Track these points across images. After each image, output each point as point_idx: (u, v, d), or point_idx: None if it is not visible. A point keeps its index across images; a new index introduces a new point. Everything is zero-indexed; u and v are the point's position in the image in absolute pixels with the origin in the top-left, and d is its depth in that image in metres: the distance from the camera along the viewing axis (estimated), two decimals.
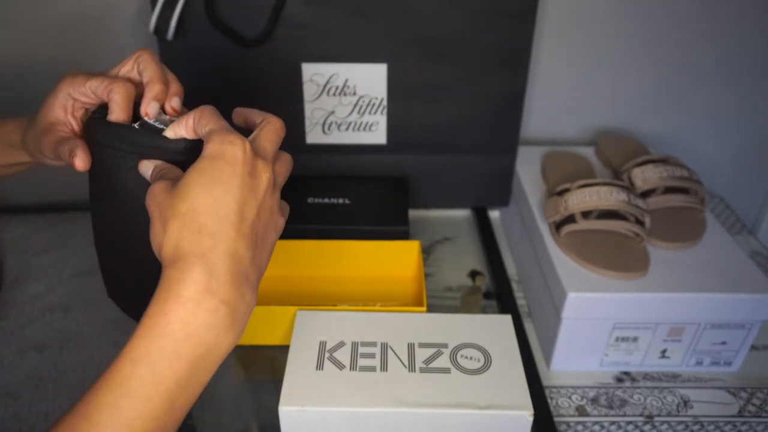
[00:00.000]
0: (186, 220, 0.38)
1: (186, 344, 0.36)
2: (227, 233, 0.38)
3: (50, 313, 0.72)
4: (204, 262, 0.37)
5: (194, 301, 0.36)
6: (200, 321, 0.36)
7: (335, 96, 0.82)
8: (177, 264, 0.37)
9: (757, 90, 0.96)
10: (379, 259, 0.76)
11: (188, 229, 0.37)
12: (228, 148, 0.39)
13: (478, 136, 0.86)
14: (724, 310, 0.66)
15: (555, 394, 0.68)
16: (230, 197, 0.38)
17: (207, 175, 0.38)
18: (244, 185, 0.39)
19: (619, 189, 0.71)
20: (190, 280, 0.36)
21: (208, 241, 0.37)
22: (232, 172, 0.38)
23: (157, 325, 0.36)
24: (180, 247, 0.37)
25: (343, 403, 0.50)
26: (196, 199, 0.38)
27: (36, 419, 0.60)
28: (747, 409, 0.67)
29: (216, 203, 0.38)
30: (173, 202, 0.38)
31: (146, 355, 0.36)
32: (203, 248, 0.37)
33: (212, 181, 0.38)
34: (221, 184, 0.38)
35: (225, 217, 0.38)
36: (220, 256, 0.37)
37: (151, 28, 0.75)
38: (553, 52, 0.91)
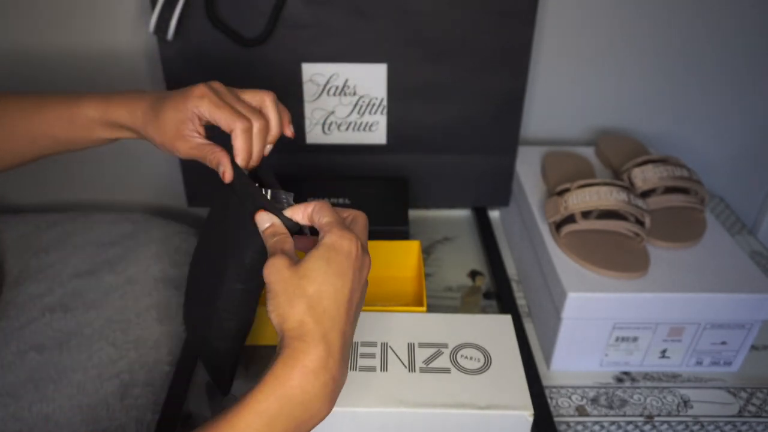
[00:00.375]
0: (312, 302, 0.43)
1: (299, 409, 0.42)
2: (342, 318, 0.44)
3: (50, 313, 0.72)
4: (326, 342, 0.43)
5: (315, 373, 0.42)
6: (315, 391, 0.42)
7: (335, 96, 0.83)
8: (303, 338, 0.43)
9: (757, 90, 0.96)
10: (379, 259, 0.76)
11: (314, 311, 0.43)
12: (346, 243, 0.45)
13: (478, 136, 0.86)
14: (724, 310, 0.66)
15: (555, 394, 0.68)
16: (346, 288, 0.45)
17: (330, 264, 0.44)
18: (355, 277, 0.45)
19: (619, 189, 0.71)
20: (315, 355, 0.42)
21: (328, 323, 0.43)
22: (349, 265, 0.45)
23: (282, 387, 0.42)
24: (305, 323, 0.43)
25: (343, 403, 0.50)
26: (321, 285, 0.44)
27: (36, 420, 0.60)
28: (747, 409, 0.67)
29: (336, 292, 0.44)
30: (300, 282, 0.44)
31: (267, 410, 0.41)
32: (325, 329, 0.43)
33: (334, 271, 0.44)
34: (341, 276, 0.44)
35: (342, 304, 0.44)
36: (337, 338, 0.44)
37: (151, 28, 0.75)
38: (553, 52, 0.91)
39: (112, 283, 0.76)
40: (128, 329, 0.71)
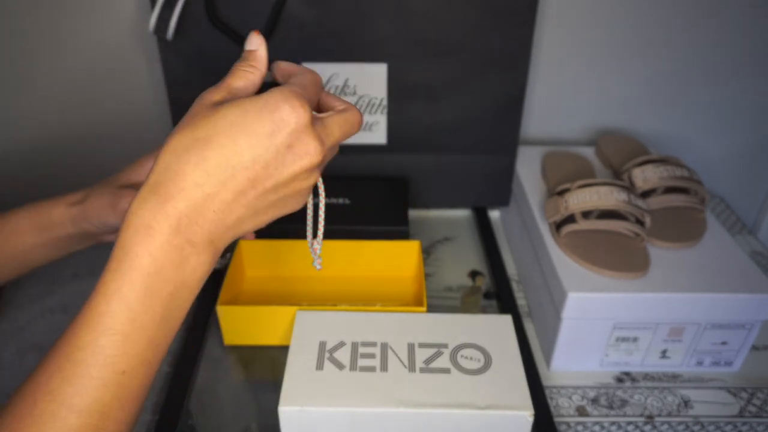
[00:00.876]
0: (195, 144, 0.35)
1: (157, 281, 0.35)
2: (225, 183, 0.35)
3: (50, 313, 0.72)
4: (183, 198, 0.34)
5: (162, 235, 0.34)
6: (168, 257, 0.35)
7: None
8: (156, 189, 0.35)
9: (757, 90, 0.96)
10: (379, 259, 0.76)
11: (189, 155, 0.35)
12: (285, 108, 0.36)
13: (478, 136, 0.86)
14: (724, 310, 0.66)
15: (555, 394, 0.68)
16: (251, 153, 0.35)
17: (247, 117, 0.35)
18: (275, 151, 0.36)
19: (619, 189, 0.71)
20: (162, 213, 0.34)
21: (199, 177, 0.35)
22: (272, 132, 0.36)
23: (126, 259, 0.35)
24: (170, 168, 0.35)
25: (343, 403, 0.50)
26: (219, 132, 0.35)
27: None
28: (748, 409, 0.67)
29: (232, 149, 0.35)
30: (200, 122, 0.35)
31: (118, 289, 0.35)
32: (188, 183, 0.35)
33: (246, 126, 0.35)
34: (252, 137, 0.35)
35: (232, 167, 0.35)
36: (204, 200, 0.35)
37: (151, 28, 0.75)
38: (553, 52, 0.91)
39: None
40: None
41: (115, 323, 0.35)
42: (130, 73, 0.90)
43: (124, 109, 0.93)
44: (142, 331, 0.35)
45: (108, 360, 0.34)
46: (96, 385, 0.34)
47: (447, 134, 0.86)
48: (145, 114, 0.94)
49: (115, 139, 0.96)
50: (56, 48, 0.87)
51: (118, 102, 0.93)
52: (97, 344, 0.34)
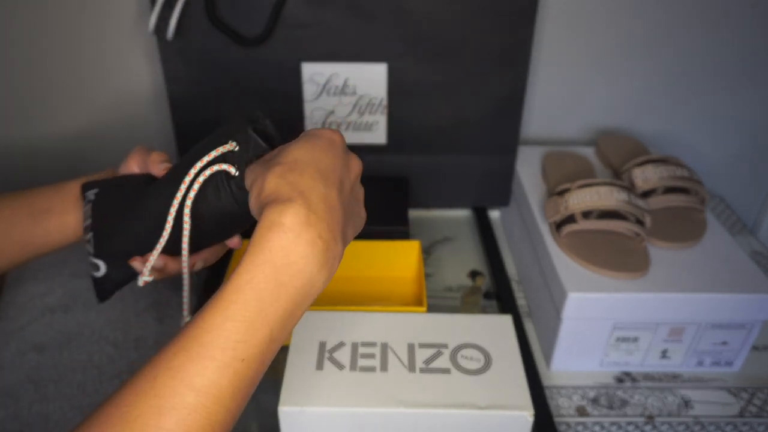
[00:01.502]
0: (290, 166, 0.40)
1: (287, 274, 0.38)
2: (325, 182, 0.41)
3: (50, 313, 0.72)
4: (304, 198, 0.39)
5: (294, 231, 0.38)
6: (300, 251, 0.38)
7: (335, 96, 0.82)
8: (278, 199, 0.39)
9: (757, 90, 0.96)
10: (379, 259, 0.76)
11: (290, 173, 0.40)
12: (326, 131, 0.43)
13: (478, 136, 0.86)
14: (724, 310, 0.66)
15: (555, 394, 0.68)
16: (328, 160, 0.42)
17: (311, 139, 0.42)
18: (340, 158, 0.43)
19: (619, 189, 0.71)
20: (292, 211, 0.38)
21: (308, 182, 0.40)
22: (330, 145, 0.43)
23: (261, 253, 0.38)
24: (280, 186, 0.40)
25: (343, 404, 0.50)
26: (301, 153, 0.41)
27: (36, 420, 0.60)
28: (748, 409, 0.67)
29: (315, 158, 0.41)
30: (279, 154, 0.42)
31: (251, 280, 0.38)
32: (303, 187, 0.40)
33: (315, 145, 0.42)
34: (322, 150, 0.42)
35: (323, 170, 0.41)
36: (319, 197, 0.40)
37: (151, 28, 0.75)
38: (553, 52, 0.91)
39: None
40: (128, 329, 0.71)
41: (244, 311, 0.37)
42: (130, 73, 0.90)
43: (125, 109, 0.93)
44: (266, 322, 0.38)
45: (231, 344, 0.37)
46: (217, 367, 0.36)
47: (447, 134, 0.86)
48: (146, 113, 0.94)
49: (115, 138, 0.96)
50: (56, 48, 0.87)
51: (119, 101, 0.93)
52: (224, 328, 0.37)
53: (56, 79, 0.90)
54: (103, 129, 0.95)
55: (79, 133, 0.95)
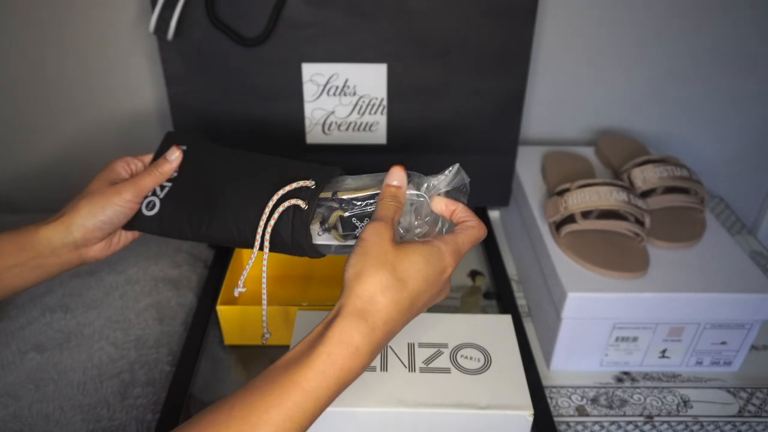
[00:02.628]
0: (397, 285, 0.44)
1: (340, 388, 0.43)
2: (405, 317, 0.45)
3: (50, 313, 0.72)
4: (383, 330, 0.43)
5: (362, 357, 0.43)
6: (356, 372, 0.43)
7: (335, 96, 0.82)
8: (365, 316, 0.43)
9: (757, 90, 0.96)
10: None
11: (392, 293, 0.44)
12: (449, 260, 0.47)
13: (478, 136, 0.86)
14: (724, 310, 0.66)
15: (555, 394, 0.68)
16: (426, 296, 0.46)
17: (429, 267, 0.45)
18: (434, 295, 0.47)
19: (619, 189, 0.71)
20: (368, 339, 0.43)
21: (395, 314, 0.44)
22: (437, 280, 0.46)
23: (333, 368, 0.42)
24: (376, 300, 0.43)
25: (343, 403, 0.50)
26: (412, 278, 0.45)
27: (36, 420, 0.60)
28: (747, 409, 0.67)
29: (417, 293, 0.45)
30: (395, 262, 0.45)
31: (316, 389, 0.41)
32: (389, 317, 0.44)
33: (427, 276, 0.45)
34: (427, 284, 0.46)
35: (412, 306, 0.45)
36: (390, 331, 0.44)
37: (151, 28, 0.75)
38: (553, 52, 0.91)
39: (112, 283, 0.76)
40: (128, 329, 0.71)
41: (303, 415, 0.41)
42: (130, 73, 0.90)
43: (125, 109, 0.93)
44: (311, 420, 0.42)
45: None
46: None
47: (447, 134, 0.86)
48: (146, 113, 0.94)
49: (116, 138, 0.96)
50: (56, 48, 0.87)
51: (119, 101, 0.93)
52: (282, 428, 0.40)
53: (56, 79, 0.90)
54: (103, 128, 0.95)
55: (80, 132, 0.95)
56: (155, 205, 0.58)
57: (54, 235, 0.56)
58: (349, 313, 0.43)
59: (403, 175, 0.51)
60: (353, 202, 0.52)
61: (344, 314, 0.43)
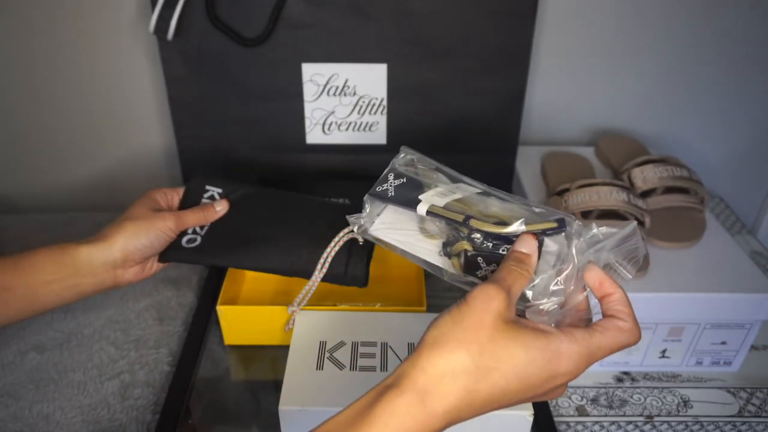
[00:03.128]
0: (476, 374, 0.36)
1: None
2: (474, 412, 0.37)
3: (50, 313, 0.72)
4: (443, 420, 0.36)
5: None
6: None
7: (335, 96, 0.82)
8: (425, 400, 0.36)
9: (757, 90, 0.96)
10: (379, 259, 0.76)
11: (465, 380, 0.36)
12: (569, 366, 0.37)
13: (478, 136, 0.86)
14: (724, 310, 0.66)
15: None
16: (512, 395, 0.37)
17: (531, 366, 0.37)
18: (529, 396, 0.38)
19: (619, 189, 0.71)
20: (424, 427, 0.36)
21: (464, 406, 0.36)
22: (542, 383, 0.37)
23: None
24: (443, 383, 0.36)
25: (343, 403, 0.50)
26: (500, 372, 0.36)
27: (36, 420, 0.60)
28: (747, 409, 0.67)
29: (501, 392, 0.37)
30: (487, 346, 0.36)
31: None
32: (452, 408, 0.36)
33: (525, 375, 0.37)
34: (523, 385, 0.37)
35: (489, 404, 0.37)
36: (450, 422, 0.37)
37: (151, 28, 0.75)
38: (552, 53, 0.91)
39: None
40: (128, 329, 0.71)
41: None
42: (130, 73, 0.90)
43: (125, 109, 0.93)
44: None
45: None
46: None
47: (447, 134, 0.86)
48: (146, 114, 0.94)
49: (115, 138, 0.96)
50: (56, 48, 0.87)
51: (119, 102, 0.93)
52: None
53: (56, 78, 0.90)
54: (102, 129, 0.95)
55: (79, 132, 0.95)
56: (196, 241, 0.64)
57: (95, 253, 0.57)
58: (408, 390, 0.36)
59: (533, 244, 0.42)
60: (485, 241, 0.44)
61: (402, 389, 0.36)
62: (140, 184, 1.00)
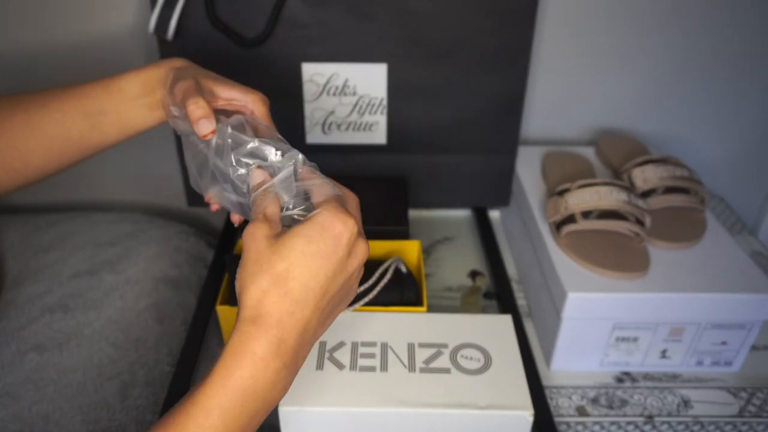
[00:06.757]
0: (277, 280, 0.40)
1: (252, 399, 0.40)
2: (307, 304, 0.41)
3: (50, 313, 0.72)
4: (280, 327, 0.40)
5: (265, 360, 0.40)
6: (266, 379, 0.40)
7: (335, 96, 0.82)
8: (255, 321, 0.40)
9: (757, 90, 0.96)
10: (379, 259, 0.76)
11: (276, 289, 0.40)
12: (339, 225, 0.41)
13: (478, 136, 0.86)
14: (724, 310, 0.66)
15: (555, 394, 0.68)
16: (323, 272, 0.41)
17: (311, 243, 0.40)
18: (339, 263, 0.41)
19: (619, 189, 0.71)
20: (265, 340, 0.40)
21: (289, 306, 0.40)
22: (335, 248, 0.41)
23: (231, 378, 0.39)
24: (262, 303, 0.40)
25: (343, 403, 0.50)
26: (293, 263, 0.40)
27: (36, 420, 0.60)
28: (747, 409, 0.67)
29: (309, 274, 0.40)
30: (272, 258, 0.40)
31: (219, 405, 0.39)
32: (282, 312, 0.40)
33: (313, 251, 0.40)
34: (320, 259, 0.41)
35: (311, 289, 0.41)
36: (295, 324, 0.40)
37: (151, 28, 0.75)
38: (553, 52, 0.91)
39: (112, 283, 0.76)
40: (128, 329, 0.71)
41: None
42: None
43: None
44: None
45: None
46: None
47: (447, 134, 0.86)
48: None
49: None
50: (56, 48, 0.87)
51: None
52: None
53: (56, 78, 0.90)
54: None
55: None
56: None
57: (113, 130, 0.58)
58: (239, 327, 0.40)
59: (263, 173, 0.46)
60: None
61: (235, 329, 0.40)
62: (141, 190, 1.00)
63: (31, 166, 0.58)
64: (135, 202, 1.01)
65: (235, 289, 0.42)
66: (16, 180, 0.59)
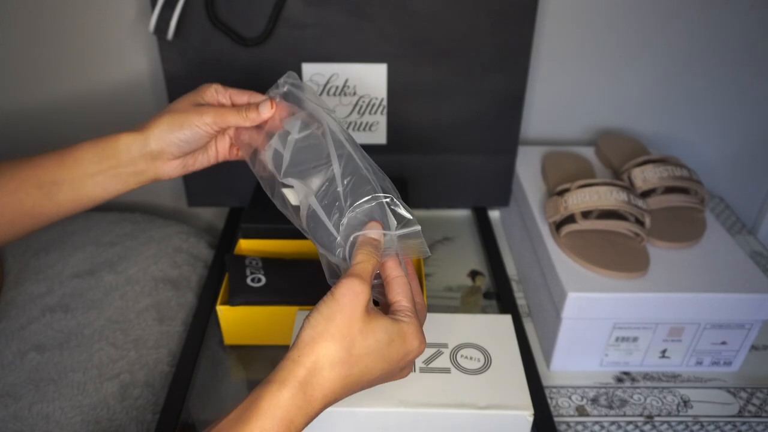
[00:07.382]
0: (348, 360, 0.42)
1: None
2: (350, 389, 0.43)
3: (50, 313, 0.72)
4: (322, 402, 0.42)
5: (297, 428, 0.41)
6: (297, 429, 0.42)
7: (335, 96, 0.83)
8: (305, 388, 0.41)
9: (757, 90, 0.96)
10: None
11: (341, 368, 0.42)
12: (416, 343, 0.45)
13: (478, 136, 0.86)
14: (724, 310, 0.66)
15: (555, 394, 0.68)
16: (379, 370, 0.44)
17: (390, 347, 0.44)
18: (393, 371, 0.45)
19: (619, 189, 0.71)
20: (306, 416, 0.41)
21: (340, 388, 0.42)
22: (399, 360, 0.44)
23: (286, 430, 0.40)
24: (321, 376, 0.41)
25: (343, 403, 0.50)
26: (367, 354, 0.43)
27: (36, 420, 0.60)
28: (747, 409, 0.67)
29: (369, 369, 0.43)
30: (357, 337, 0.42)
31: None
32: (331, 391, 0.42)
33: (386, 355, 0.43)
34: (385, 362, 0.44)
35: (362, 380, 0.43)
36: (329, 400, 0.42)
37: (151, 28, 0.75)
38: (553, 52, 0.91)
39: (112, 283, 0.76)
40: (128, 329, 0.71)
41: None
42: (130, 73, 0.90)
43: (124, 109, 0.93)
44: None
45: None
46: None
47: (447, 134, 0.86)
48: (146, 114, 0.93)
49: None
50: (56, 48, 0.87)
51: (119, 101, 0.93)
52: None
53: (56, 78, 0.90)
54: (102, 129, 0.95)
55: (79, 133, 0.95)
56: (261, 281, 0.69)
57: (133, 144, 0.57)
58: (289, 384, 0.41)
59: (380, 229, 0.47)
60: None
61: (284, 383, 0.41)
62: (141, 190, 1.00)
63: None
64: (135, 202, 1.01)
65: (302, 330, 0.42)
66: None
